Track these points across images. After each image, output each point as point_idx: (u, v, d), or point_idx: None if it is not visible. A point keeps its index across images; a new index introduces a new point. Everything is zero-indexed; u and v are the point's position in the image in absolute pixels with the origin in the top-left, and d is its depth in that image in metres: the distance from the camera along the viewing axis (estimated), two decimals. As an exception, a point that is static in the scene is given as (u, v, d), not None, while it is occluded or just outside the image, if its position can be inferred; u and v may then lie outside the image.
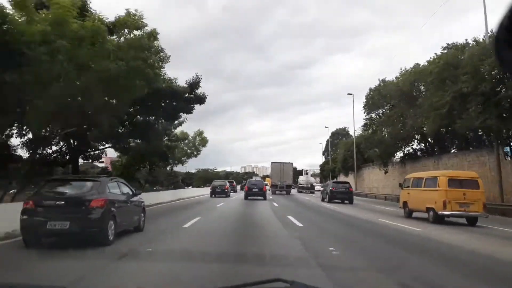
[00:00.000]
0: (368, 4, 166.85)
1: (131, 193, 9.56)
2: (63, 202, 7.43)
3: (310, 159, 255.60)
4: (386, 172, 34.79)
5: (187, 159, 39.12)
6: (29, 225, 7.32)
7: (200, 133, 39.97)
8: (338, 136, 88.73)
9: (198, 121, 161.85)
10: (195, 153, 39.80)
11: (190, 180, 66.57)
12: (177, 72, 40.23)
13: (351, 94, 48.63)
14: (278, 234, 9.97)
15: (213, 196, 31.70)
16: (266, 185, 34.20)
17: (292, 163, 45.31)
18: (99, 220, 7.44)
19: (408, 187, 15.72)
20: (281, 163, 43.14)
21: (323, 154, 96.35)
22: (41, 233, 7.32)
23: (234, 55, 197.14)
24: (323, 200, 27.71)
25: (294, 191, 48.69)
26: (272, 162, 43.96)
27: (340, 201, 25.49)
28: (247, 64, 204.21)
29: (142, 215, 10.12)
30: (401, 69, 29.52)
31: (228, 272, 5.49)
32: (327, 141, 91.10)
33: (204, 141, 40.23)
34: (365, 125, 35.18)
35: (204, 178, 66.45)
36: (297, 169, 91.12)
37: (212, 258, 6.42)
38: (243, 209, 19.14)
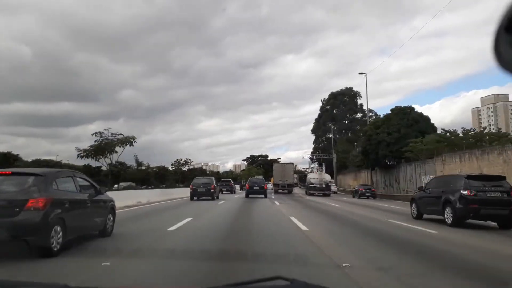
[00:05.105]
0: (321, 2, 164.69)
1: (93, 190, 7.90)
2: (-10, 203, 5.77)
3: (286, 152, 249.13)
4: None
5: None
6: None
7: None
8: (343, 97, 72.48)
9: (146, 118, 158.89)
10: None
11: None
12: (122, 67, 38.84)
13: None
14: None
15: (194, 198, 24.02)
16: (268, 184, 35.60)
17: (293, 164, 48.62)
18: (38, 225, 5.78)
19: None
20: (282, 163, 46.44)
21: (313, 133, 79.54)
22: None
23: (184, 50, 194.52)
24: (419, 217, 13.91)
25: (298, 191, 49.12)
26: (274, 163, 47.67)
27: (468, 220, 12.05)
28: (197, 60, 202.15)
29: (110, 216, 8.46)
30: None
31: None
32: (321, 107, 77.84)
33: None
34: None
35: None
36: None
37: None
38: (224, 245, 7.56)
